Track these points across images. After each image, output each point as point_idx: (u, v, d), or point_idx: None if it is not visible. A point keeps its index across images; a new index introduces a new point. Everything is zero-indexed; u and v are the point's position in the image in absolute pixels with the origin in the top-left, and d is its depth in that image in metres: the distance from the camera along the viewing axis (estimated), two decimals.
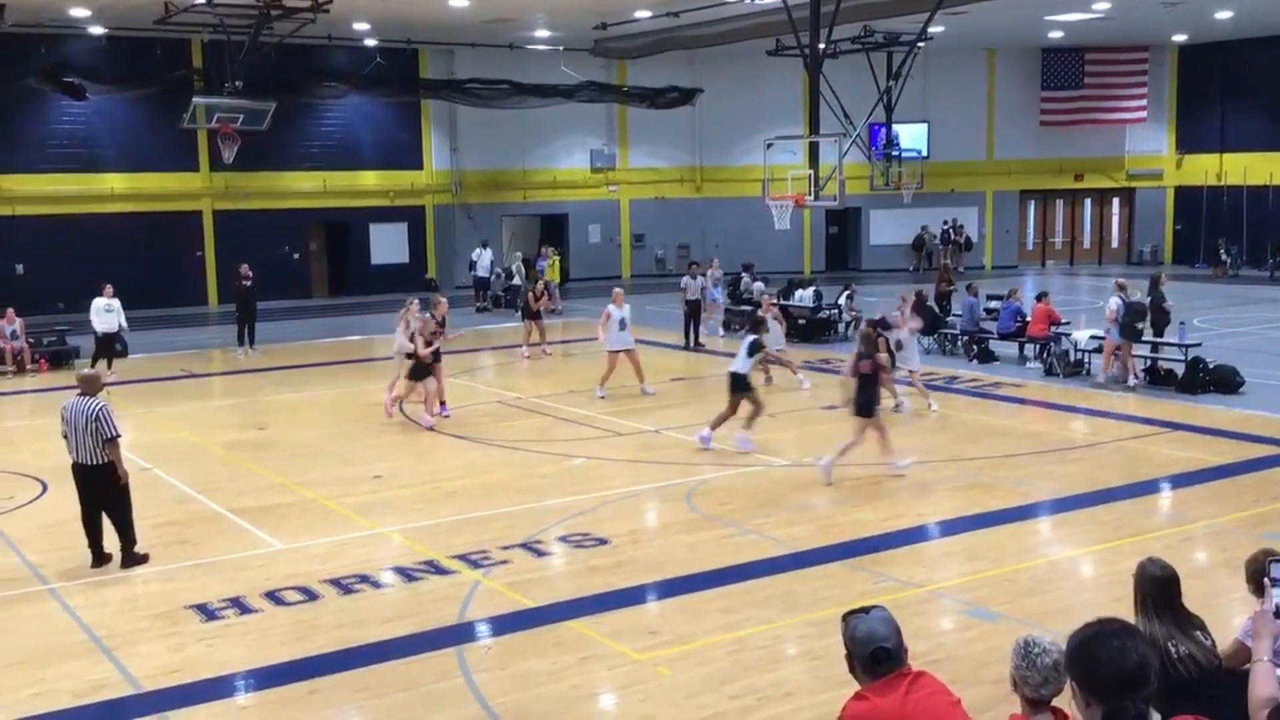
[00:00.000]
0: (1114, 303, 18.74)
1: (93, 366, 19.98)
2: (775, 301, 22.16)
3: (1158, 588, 5.42)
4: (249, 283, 24.31)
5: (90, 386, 10.71)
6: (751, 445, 14.68)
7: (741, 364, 14.89)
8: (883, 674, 4.33)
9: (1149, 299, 20.74)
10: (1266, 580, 4.47)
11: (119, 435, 10.60)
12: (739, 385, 14.80)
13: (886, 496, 12.60)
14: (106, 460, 10.47)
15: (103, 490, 10.56)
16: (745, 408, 14.77)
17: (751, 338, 15.20)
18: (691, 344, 23.97)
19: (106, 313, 21.75)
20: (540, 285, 24.61)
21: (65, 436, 10.57)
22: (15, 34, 28.50)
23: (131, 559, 10.68)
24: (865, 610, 4.47)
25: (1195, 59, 39.26)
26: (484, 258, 32.07)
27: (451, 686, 7.99)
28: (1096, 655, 3.47)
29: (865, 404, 13.20)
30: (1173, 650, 5.24)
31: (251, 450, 15.55)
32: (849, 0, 22.63)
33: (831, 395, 18.26)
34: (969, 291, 22.25)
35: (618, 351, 18.43)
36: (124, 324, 22.25)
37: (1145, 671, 3.45)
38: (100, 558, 10.67)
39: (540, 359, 22.89)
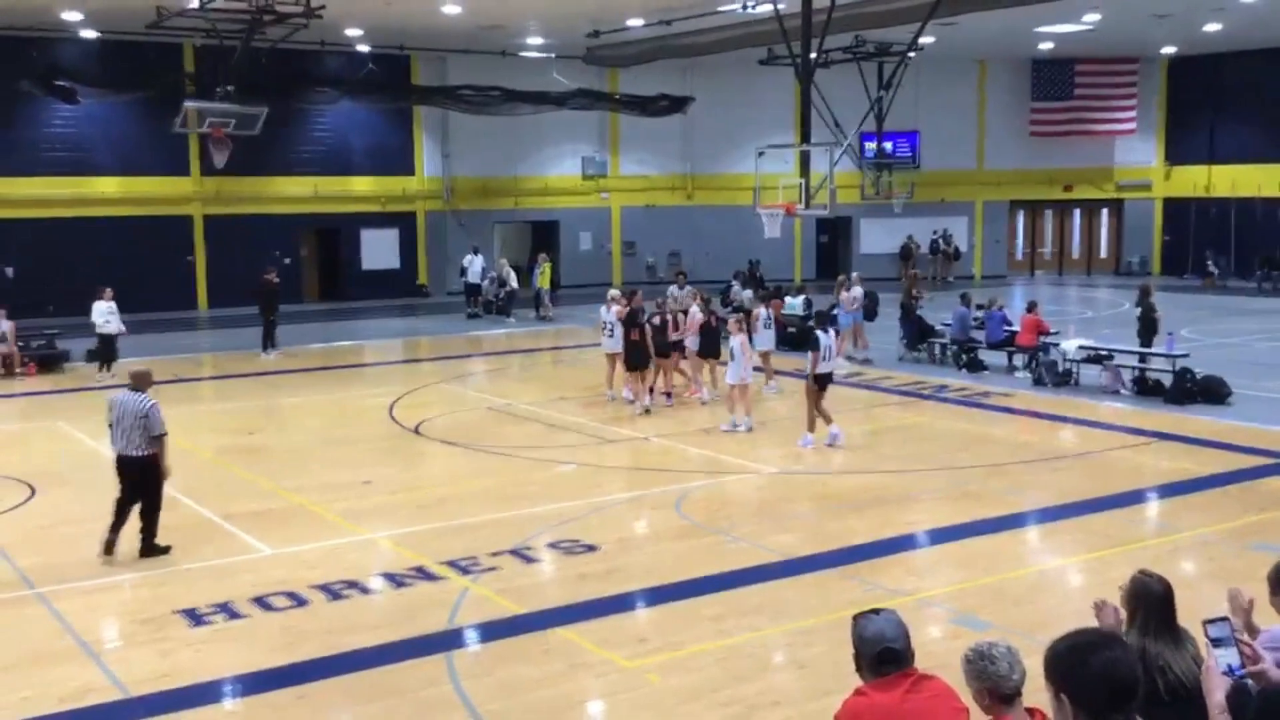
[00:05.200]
0: (857, 291, 22.97)
1: (99, 369, 20.41)
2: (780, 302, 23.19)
3: (1155, 604, 5.19)
4: (276, 281, 24.90)
5: (142, 382, 11.13)
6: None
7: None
8: (887, 674, 4.34)
9: (1138, 309, 20.86)
10: (1207, 640, 4.15)
11: (166, 433, 10.96)
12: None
13: (876, 505, 12.62)
14: (147, 453, 10.83)
15: (139, 481, 10.89)
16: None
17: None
18: None
19: (110, 315, 21.78)
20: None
21: (110, 425, 10.95)
22: (7, 37, 28.49)
23: (152, 549, 10.95)
24: (875, 612, 4.54)
25: (1184, 71, 39.46)
26: (475, 264, 32.07)
27: (440, 693, 7.99)
28: (1088, 665, 3.45)
29: None
30: (1168, 669, 5.06)
31: (241, 455, 15.53)
32: (841, 10, 22.68)
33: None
34: (961, 301, 22.32)
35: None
36: (122, 328, 22.20)
37: (1135, 683, 3.45)
38: (110, 548, 10.86)
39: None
